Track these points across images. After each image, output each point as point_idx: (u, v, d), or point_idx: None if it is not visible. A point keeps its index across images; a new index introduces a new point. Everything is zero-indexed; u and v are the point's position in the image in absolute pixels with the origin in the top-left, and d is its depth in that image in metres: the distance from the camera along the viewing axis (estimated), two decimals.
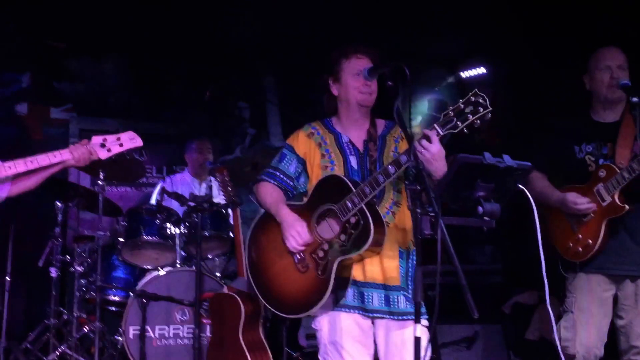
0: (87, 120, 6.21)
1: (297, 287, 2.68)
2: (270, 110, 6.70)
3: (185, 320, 4.26)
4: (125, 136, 2.87)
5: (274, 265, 2.75)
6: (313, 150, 2.80)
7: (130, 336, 4.15)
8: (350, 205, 2.54)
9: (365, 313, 2.66)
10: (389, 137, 2.81)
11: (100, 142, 2.81)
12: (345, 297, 2.67)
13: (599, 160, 3.14)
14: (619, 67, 3.14)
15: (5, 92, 6.00)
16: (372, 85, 2.74)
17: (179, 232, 4.45)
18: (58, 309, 4.74)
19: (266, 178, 2.85)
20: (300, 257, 2.68)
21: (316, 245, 2.64)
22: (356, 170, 2.72)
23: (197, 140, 5.39)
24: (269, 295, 2.76)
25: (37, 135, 6.11)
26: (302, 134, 2.87)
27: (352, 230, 2.56)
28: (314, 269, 2.63)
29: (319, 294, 2.59)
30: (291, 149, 2.86)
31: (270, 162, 2.92)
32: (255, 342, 3.82)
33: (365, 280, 2.66)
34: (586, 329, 3.10)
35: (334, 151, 2.77)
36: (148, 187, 6.08)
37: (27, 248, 5.27)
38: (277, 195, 2.80)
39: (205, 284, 4.19)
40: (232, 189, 4.03)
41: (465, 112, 2.38)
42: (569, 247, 3.13)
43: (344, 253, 2.57)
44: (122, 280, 4.64)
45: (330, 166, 2.74)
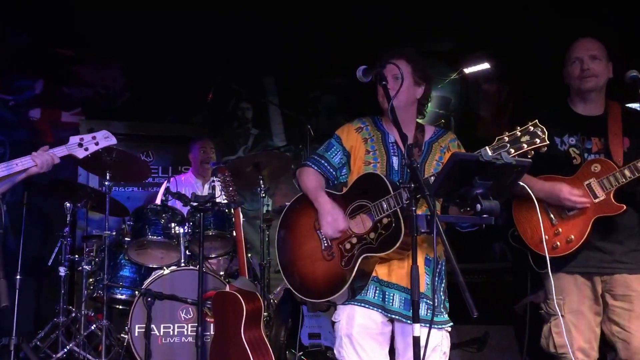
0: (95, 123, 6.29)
1: (320, 272, 2.76)
2: (272, 110, 6.75)
3: (189, 318, 4.31)
4: (100, 135, 3.03)
5: (302, 247, 2.84)
6: (359, 144, 2.86)
7: (136, 334, 4.21)
8: (386, 206, 2.60)
9: (384, 312, 2.71)
10: (436, 145, 2.85)
11: (78, 142, 2.96)
12: (366, 293, 2.73)
13: (584, 154, 3.02)
14: (591, 57, 3.01)
15: (19, 99, 6.20)
16: (397, 88, 2.74)
17: (183, 231, 4.50)
18: (67, 307, 4.83)
19: (311, 164, 2.93)
20: (327, 244, 2.75)
21: (345, 237, 2.72)
22: (396, 171, 2.77)
23: (199, 140, 5.47)
24: (291, 274, 2.85)
25: (49, 138, 6.24)
26: (351, 127, 2.92)
27: (383, 231, 2.62)
28: (338, 258, 2.71)
29: (338, 284, 2.68)
30: (339, 140, 2.92)
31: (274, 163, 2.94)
32: (257, 340, 3.85)
33: (390, 280, 2.71)
34: (581, 332, 2.96)
35: (379, 149, 2.83)
36: (154, 188, 6.16)
37: (37, 247, 5.38)
38: (318, 181, 2.87)
39: (208, 283, 4.25)
40: (234, 188, 4.08)
41: (520, 140, 2.40)
42: (544, 239, 2.87)
43: (371, 251, 2.64)
44: (129, 279, 4.71)
45: (373, 163, 2.80)
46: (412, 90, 2.84)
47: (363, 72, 2.66)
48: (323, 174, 2.90)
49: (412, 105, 2.88)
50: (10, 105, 6.15)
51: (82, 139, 2.96)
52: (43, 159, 2.84)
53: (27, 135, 6.16)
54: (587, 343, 2.97)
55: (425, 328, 2.35)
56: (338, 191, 2.84)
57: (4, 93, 6.12)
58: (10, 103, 6.15)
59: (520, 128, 2.40)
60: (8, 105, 6.13)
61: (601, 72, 3.03)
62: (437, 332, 2.68)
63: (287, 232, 2.91)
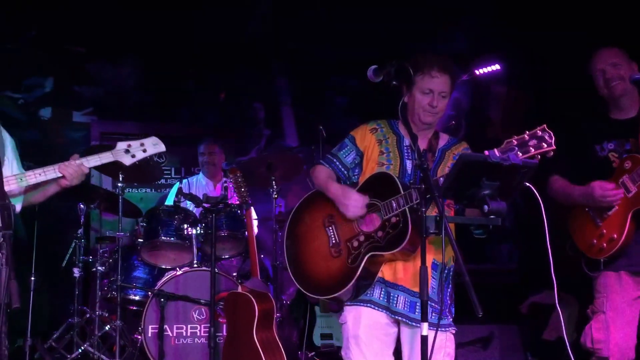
0: (107, 123, 6.33)
1: (326, 269, 2.78)
2: (285, 111, 6.75)
3: (202, 319, 4.32)
4: (148, 141, 2.84)
5: (309, 244, 2.85)
6: (373, 145, 2.86)
7: (149, 335, 4.23)
8: (395, 205, 2.60)
9: (390, 314, 2.71)
10: (449, 153, 2.85)
11: (125, 148, 2.79)
12: (372, 294, 2.73)
13: (623, 156, 3.05)
14: (612, 65, 3.10)
15: (29, 97, 6.14)
16: (439, 105, 2.76)
17: (195, 232, 4.52)
18: (81, 308, 4.86)
19: (323, 162, 2.95)
20: (335, 241, 2.76)
21: (353, 235, 2.72)
22: (409, 175, 2.77)
23: (204, 142, 5.48)
24: (298, 271, 2.87)
25: (60, 138, 6.23)
26: (366, 128, 2.92)
27: (390, 230, 2.62)
28: (345, 256, 2.72)
29: (343, 282, 2.69)
30: (352, 140, 2.92)
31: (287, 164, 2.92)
32: (269, 341, 3.86)
33: (396, 282, 2.71)
34: (620, 329, 3.00)
35: (393, 151, 2.83)
36: (167, 189, 6.18)
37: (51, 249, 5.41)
38: (329, 174, 2.89)
39: (221, 284, 4.27)
40: (246, 189, 4.09)
41: (528, 144, 2.39)
42: (593, 244, 3.01)
43: (377, 249, 2.64)
44: (142, 280, 4.74)
45: (387, 164, 2.80)
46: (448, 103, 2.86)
47: (374, 71, 2.65)
48: (335, 172, 2.91)
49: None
50: (19, 104, 6.08)
51: (130, 145, 2.78)
52: (71, 171, 2.70)
53: (37, 135, 6.10)
54: (624, 341, 3.01)
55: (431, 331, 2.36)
56: None
57: (13, 91, 6.04)
58: (20, 102, 6.08)
59: (529, 132, 2.40)
60: (17, 104, 6.07)
61: (625, 74, 3.08)
62: (441, 334, 2.66)
63: (295, 230, 2.93)
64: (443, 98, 2.77)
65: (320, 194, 2.89)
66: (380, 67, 2.67)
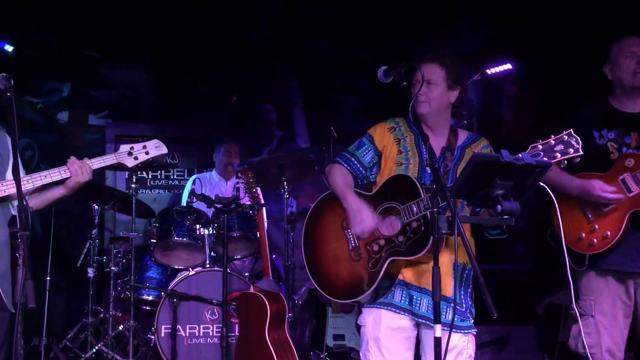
0: (122, 126, 6.40)
1: (345, 273, 2.75)
2: (296, 112, 6.77)
3: (215, 319, 4.34)
4: (151, 144, 2.91)
5: (328, 246, 2.82)
6: (391, 144, 2.83)
7: (162, 335, 4.26)
8: (416, 209, 2.56)
9: (412, 317, 2.70)
10: (469, 150, 2.81)
11: (128, 151, 2.86)
12: (392, 297, 2.71)
13: (623, 149, 2.99)
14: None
15: (47, 102, 6.27)
16: (429, 95, 2.73)
17: (208, 233, 4.54)
18: (95, 308, 4.91)
19: (341, 161, 2.90)
20: (355, 244, 2.73)
21: (373, 239, 2.69)
22: (429, 174, 2.72)
23: (225, 143, 5.51)
24: (317, 273, 2.84)
25: (77, 141, 6.34)
26: (384, 126, 2.89)
27: (412, 235, 2.59)
28: (365, 260, 2.69)
29: (364, 286, 2.66)
30: (370, 138, 2.89)
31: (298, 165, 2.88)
32: (281, 341, 3.87)
33: (419, 285, 2.69)
34: (610, 333, 2.95)
35: (412, 150, 2.80)
36: (180, 190, 6.22)
37: (66, 249, 5.48)
38: (347, 180, 2.84)
39: (233, 284, 4.28)
40: (257, 190, 4.10)
41: (554, 149, 2.37)
42: (581, 237, 2.92)
43: (398, 254, 2.61)
44: (155, 280, 4.77)
45: (405, 164, 2.77)
46: (446, 95, 2.79)
47: (384, 72, 2.63)
48: (352, 172, 2.87)
49: (445, 110, 2.83)
50: (38, 108, 6.21)
51: (133, 148, 2.86)
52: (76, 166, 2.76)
53: (55, 138, 6.23)
54: (615, 345, 2.95)
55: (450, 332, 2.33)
56: (367, 191, 2.82)
57: (33, 96, 6.18)
58: (39, 106, 6.22)
59: (555, 136, 2.37)
60: (36, 108, 6.20)
61: None
62: (462, 336, 2.67)
63: (313, 231, 2.90)
64: (432, 86, 2.72)
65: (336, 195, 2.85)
66: (390, 68, 2.65)
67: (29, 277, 2.26)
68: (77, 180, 2.76)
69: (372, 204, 2.73)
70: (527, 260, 5.76)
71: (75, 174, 2.75)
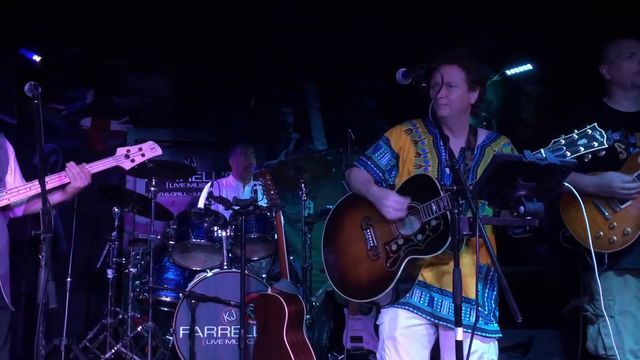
0: (142, 131, 6.49)
1: (364, 273, 2.75)
2: (313, 115, 6.78)
3: (232, 320, 4.36)
4: (146, 146, 3.02)
5: (347, 247, 2.83)
6: (408, 146, 2.84)
7: (180, 336, 4.28)
8: (435, 208, 2.55)
9: (432, 318, 2.68)
10: (489, 149, 2.80)
11: (124, 154, 2.97)
12: (411, 297, 2.70)
13: (630, 149, 2.97)
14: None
15: (71, 108, 6.43)
16: (449, 97, 2.72)
17: (225, 234, 4.56)
18: (114, 309, 4.95)
19: (358, 165, 2.93)
20: (373, 244, 2.74)
21: (391, 238, 2.69)
22: (448, 175, 2.71)
23: (240, 145, 5.54)
24: (335, 274, 2.85)
25: (99, 146, 6.47)
26: (400, 128, 2.90)
27: (431, 233, 2.58)
28: (384, 259, 2.69)
29: (381, 286, 2.66)
30: (387, 141, 2.90)
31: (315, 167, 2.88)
32: (299, 343, 3.86)
33: (440, 287, 2.68)
34: (631, 333, 2.90)
35: (430, 152, 2.80)
36: (198, 193, 6.26)
37: (86, 251, 5.54)
38: (367, 177, 2.86)
39: (251, 286, 4.30)
40: (275, 192, 4.11)
41: (577, 143, 2.34)
42: (600, 235, 2.86)
43: (417, 253, 2.60)
44: (173, 282, 4.80)
45: (424, 166, 2.77)
46: (466, 96, 2.78)
47: (402, 74, 2.62)
48: (369, 174, 2.88)
49: (465, 112, 2.83)
50: (63, 115, 6.38)
51: (129, 151, 2.97)
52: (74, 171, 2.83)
53: (78, 143, 6.38)
54: (637, 344, 2.91)
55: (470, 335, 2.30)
56: None
57: (57, 103, 6.35)
58: (63, 112, 6.38)
59: (578, 131, 2.34)
60: (61, 115, 6.37)
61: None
62: (484, 340, 2.64)
63: (332, 233, 2.91)
64: (452, 89, 2.71)
65: (356, 197, 2.86)
66: (409, 69, 2.64)
67: (51, 278, 2.30)
68: (76, 186, 2.84)
69: None
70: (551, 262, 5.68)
71: (74, 179, 2.82)
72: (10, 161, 2.88)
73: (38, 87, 2.58)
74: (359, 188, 2.84)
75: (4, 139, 2.91)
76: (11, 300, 2.76)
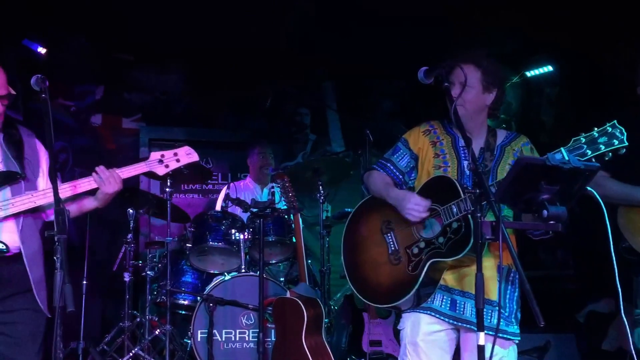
0: (156, 130, 6.42)
1: (385, 277, 2.74)
2: (330, 116, 6.73)
3: (251, 324, 4.34)
4: (181, 151, 2.86)
5: (367, 251, 2.82)
6: (427, 147, 2.82)
7: (198, 339, 4.27)
8: (456, 210, 2.53)
9: (454, 322, 2.66)
10: (509, 149, 2.78)
11: (158, 158, 2.82)
12: (432, 301, 2.69)
13: None
14: None
15: (80, 105, 6.27)
16: (464, 97, 2.68)
17: (243, 237, 4.53)
18: (131, 312, 4.92)
19: (377, 167, 2.91)
20: (394, 248, 2.72)
21: (413, 241, 2.68)
22: (468, 176, 2.71)
23: (258, 145, 5.50)
24: (356, 279, 2.83)
25: (110, 144, 6.35)
26: (418, 130, 2.89)
27: (452, 235, 2.57)
28: (405, 263, 2.68)
29: (404, 290, 2.64)
30: (406, 143, 2.88)
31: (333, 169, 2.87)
32: (318, 347, 3.85)
33: (462, 289, 2.66)
34: None
35: (449, 153, 2.78)
36: (214, 194, 6.23)
37: (102, 253, 5.52)
38: (386, 180, 2.84)
39: (269, 289, 4.28)
40: (293, 194, 4.08)
41: (598, 141, 2.31)
42: None
43: (439, 256, 2.58)
44: (191, 285, 4.78)
45: (444, 167, 2.75)
46: (482, 97, 2.75)
47: (424, 73, 2.58)
48: (389, 177, 2.86)
49: (481, 112, 2.79)
50: (71, 111, 6.22)
51: (163, 156, 2.81)
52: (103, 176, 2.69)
53: (89, 141, 6.24)
54: None
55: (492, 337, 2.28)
56: None
57: (65, 99, 6.17)
58: (72, 109, 6.22)
59: (598, 129, 2.31)
60: (70, 111, 6.21)
61: None
62: (504, 345, 2.62)
63: (352, 237, 2.90)
64: (467, 88, 2.67)
65: (376, 200, 2.84)
66: (432, 68, 2.61)
67: (67, 281, 2.25)
68: (106, 191, 2.70)
69: None
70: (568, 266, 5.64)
71: (103, 184, 2.68)
72: (42, 164, 2.81)
73: (45, 80, 2.47)
74: (378, 191, 2.82)
75: (36, 140, 2.84)
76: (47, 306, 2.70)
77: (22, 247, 2.65)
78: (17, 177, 2.69)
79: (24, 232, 2.66)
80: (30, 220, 2.71)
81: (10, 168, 2.69)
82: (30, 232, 2.71)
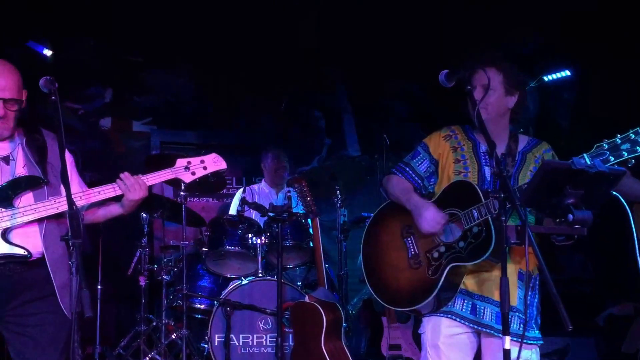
0: (167, 133, 6.38)
1: (405, 281, 2.73)
2: (346, 119, 6.70)
3: (268, 328, 4.32)
4: (208, 158, 2.79)
5: (387, 255, 2.82)
6: (447, 152, 2.81)
7: (216, 343, 4.26)
8: (477, 214, 2.53)
9: (475, 326, 2.66)
10: (530, 155, 2.77)
11: (185, 165, 2.75)
12: (453, 305, 2.68)
13: None
14: None
15: (89, 107, 6.21)
16: (486, 100, 2.66)
17: (260, 242, 4.51)
18: (147, 316, 4.91)
19: (396, 172, 2.90)
20: (414, 252, 2.72)
21: (433, 246, 2.67)
22: (489, 182, 2.69)
23: (273, 149, 5.44)
24: (376, 283, 2.83)
25: (120, 148, 6.30)
26: (439, 135, 2.87)
27: (473, 240, 2.56)
28: (425, 267, 2.67)
29: (423, 294, 2.64)
30: (426, 148, 2.87)
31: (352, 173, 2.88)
32: (338, 351, 3.85)
33: (482, 294, 2.65)
34: None
35: (470, 158, 2.77)
36: (229, 198, 6.20)
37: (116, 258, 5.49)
38: (405, 185, 2.83)
39: (287, 294, 4.25)
40: (312, 198, 4.07)
41: (621, 148, 2.31)
42: None
43: (459, 260, 2.58)
44: (207, 289, 4.78)
45: (464, 172, 2.74)
46: (504, 100, 2.73)
47: (446, 76, 2.54)
48: (408, 181, 2.85)
49: (503, 116, 2.77)
50: (79, 114, 6.15)
51: (190, 162, 2.74)
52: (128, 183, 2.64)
53: (98, 145, 6.18)
54: None
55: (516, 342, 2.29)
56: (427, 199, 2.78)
57: (73, 101, 6.10)
58: (80, 112, 6.16)
59: (621, 135, 2.31)
60: (77, 114, 6.14)
61: None
62: (527, 348, 2.60)
63: (372, 241, 2.90)
64: (489, 91, 2.64)
65: (395, 205, 2.84)
66: (453, 71, 2.57)
67: (84, 286, 2.22)
68: (131, 198, 2.65)
69: None
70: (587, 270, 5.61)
71: (127, 191, 2.64)
72: (70, 169, 2.76)
73: (54, 82, 2.43)
74: (397, 196, 2.81)
75: (56, 142, 2.80)
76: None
77: (46, 253, 2.64)
78: (40, 182, 2.67)
79: (47, 238, 2.65)
80: (54, 226, 2.69)
81: (33, 173, 2.68)
82: (54, 238, 2.68)
